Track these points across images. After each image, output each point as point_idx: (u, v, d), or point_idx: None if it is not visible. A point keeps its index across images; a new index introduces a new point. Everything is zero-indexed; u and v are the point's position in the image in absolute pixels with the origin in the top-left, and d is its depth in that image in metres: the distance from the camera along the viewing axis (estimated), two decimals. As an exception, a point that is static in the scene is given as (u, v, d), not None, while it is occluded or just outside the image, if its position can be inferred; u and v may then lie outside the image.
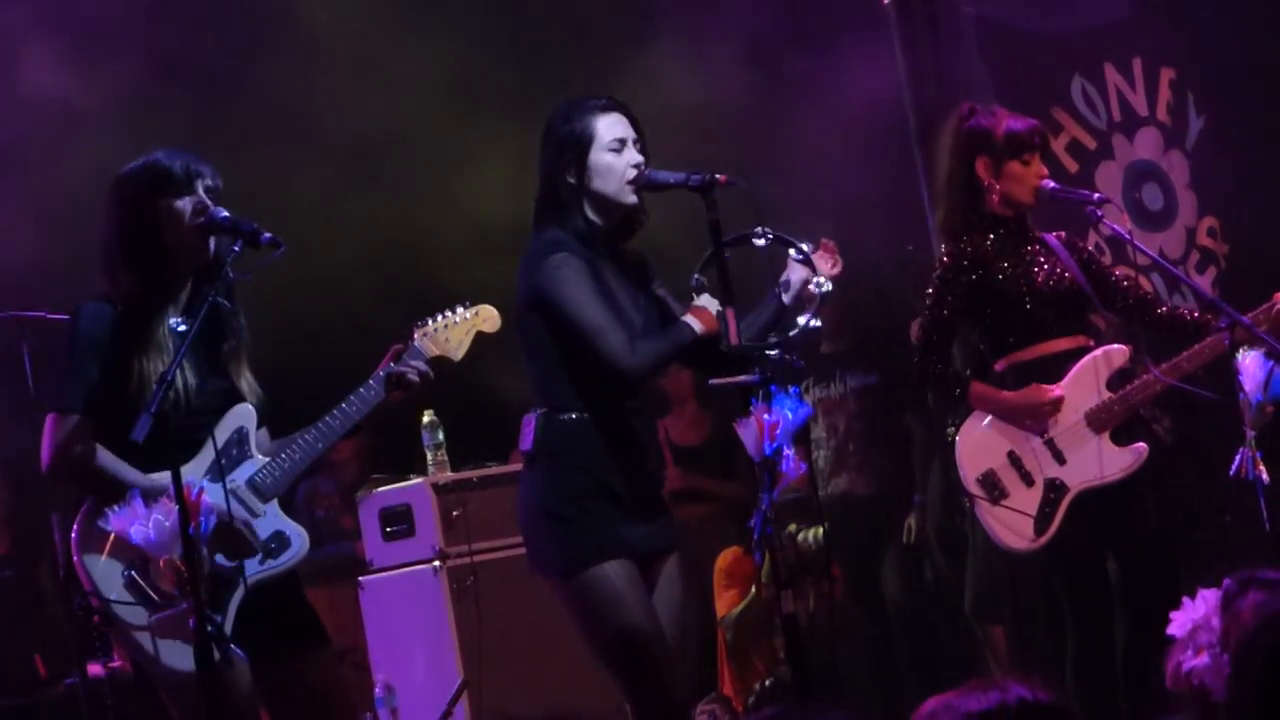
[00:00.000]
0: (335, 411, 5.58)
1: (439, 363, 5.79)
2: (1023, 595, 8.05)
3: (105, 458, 5.37)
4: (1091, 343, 6.93)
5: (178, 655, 5.25)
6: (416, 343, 5.75)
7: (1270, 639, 3.18)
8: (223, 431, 5.48)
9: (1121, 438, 6.86)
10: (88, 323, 5.45)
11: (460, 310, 5.88)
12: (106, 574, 5.34)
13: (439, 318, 5.84)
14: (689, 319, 5.73)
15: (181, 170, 5.46)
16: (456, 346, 5.85)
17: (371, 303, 8.39)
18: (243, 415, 5.53)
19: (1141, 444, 6.86)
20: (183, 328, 5.31)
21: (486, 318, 5.94)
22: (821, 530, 8.93)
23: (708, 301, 5.68)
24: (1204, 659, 3.47)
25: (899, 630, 9.45)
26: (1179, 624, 3.57)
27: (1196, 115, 8.97)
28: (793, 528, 9.06)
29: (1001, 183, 6.90)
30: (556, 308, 5.69)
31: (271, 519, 5.51)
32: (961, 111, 7.10)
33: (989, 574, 8.27)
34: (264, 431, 5.65)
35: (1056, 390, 6.79)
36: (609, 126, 5.80)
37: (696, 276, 5.70)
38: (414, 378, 5.66)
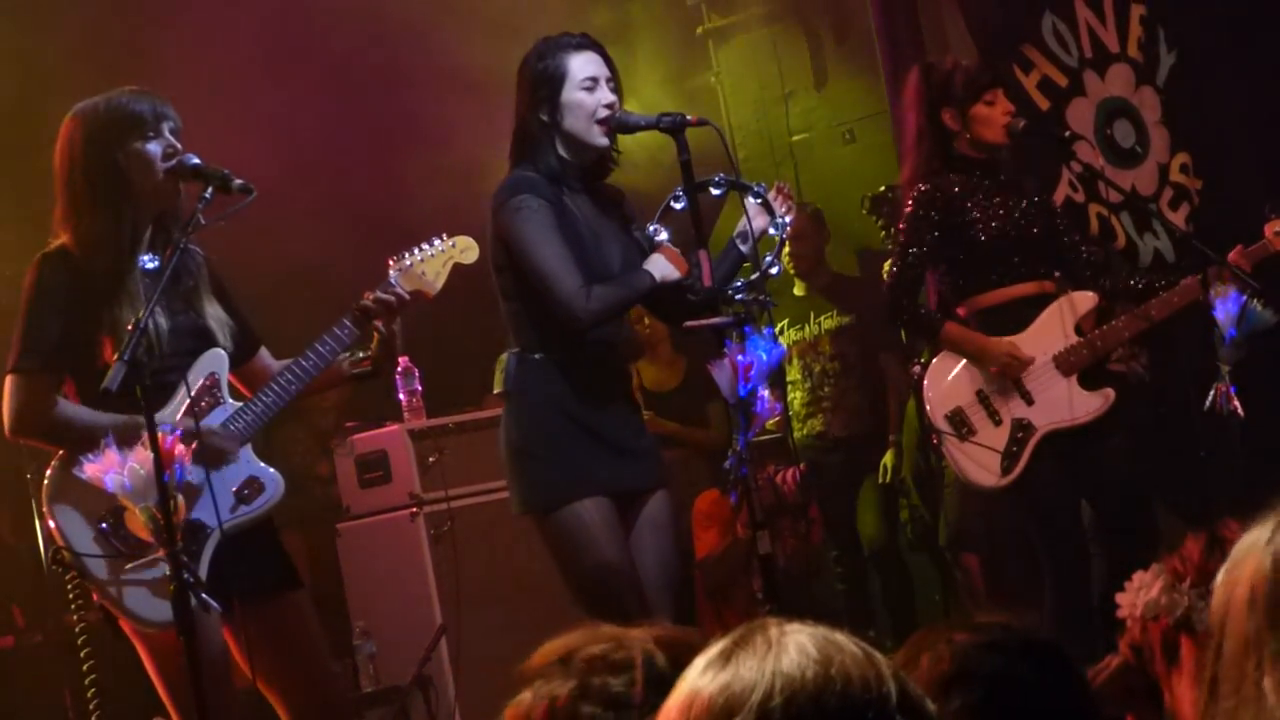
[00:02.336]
0: (308, 352, 5.51)
1: (416, 298, 5.72)
2: (997, 528, 8.08)
3: (68, 408, 5.32)
4: (1053, 288, 6.96)
5: (151, 605, 5.24)
6: (391, 277, 5.68)
7: None
8: (195, 377, 5.40)
9: (1090, 381, 6.89)
10: (47, 277, 5.36)
11: (437, 243, 5.78)
12: (78, 526, 5.31)
13: (415, 252, 5.73)
14: (650, 265, 5.73)
15: (150, 112, 5.37)
16: (434, 278, 5.73)
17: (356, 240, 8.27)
18: (215, 360, 5.47)
19: (1109, 389, 6.89)
20: (153, 264, 5.26)
21: (465, 248, 5.82)
22: (799, 470, 8.96)
23: (670, 248, 5.69)
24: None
25: (876, 569, 9.48)
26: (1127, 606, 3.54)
27: (1168, 51, 8.95)
28: (772, 468, 9.08)
29: (970, 128, 6.93)
30: (515, 249, 5.70)
31: (245, 464, 5.47)
32: (919, 69, 7.14)
33: (963, 507, 8.29)
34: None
35: (1029, 354, 6.81)
36: (582, 65, 5.79)
37: (654, 226, 5.71)
38: (387, 299, 5.56)
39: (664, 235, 5.73)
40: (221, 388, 5.47)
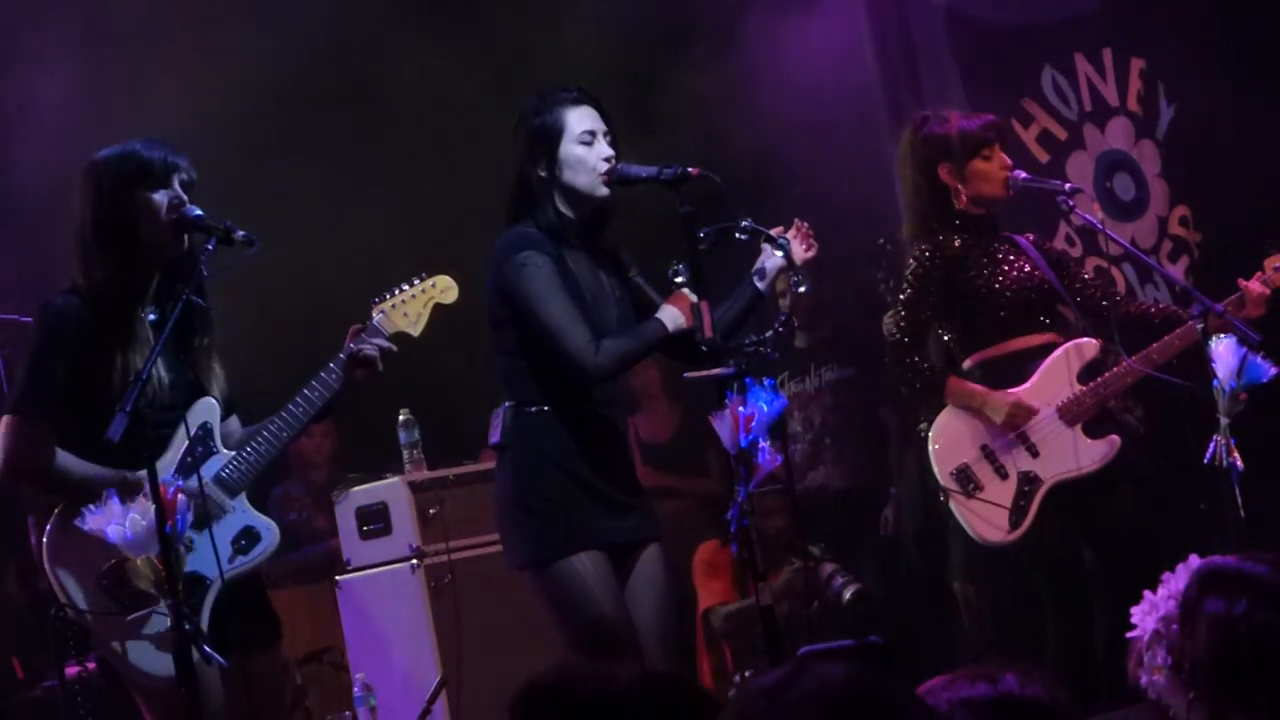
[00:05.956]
0: (298, 398, 5.54)
1: (400, 340, 5.74)
2: (998, 568, 8.08)
3: (66, 458, 5.32)
4: (1060, 339, 6.98)
5: (152, 659, 5.23)
6: (375, 320, 5.70)
7: (1226, 668, 3.21)
8: (190, 426, 5.41)
9: (1094, 430, 6.90)
10: (54, 319, 5.40)
11: (416, 283, 5.81)
12: (79, 582, 5.30)
13: (395, 292, 5.77)
14: (662, 315, 5.73)
15: (159, 162, 5.42)
16: (415, 320, 5.76)
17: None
18: (206, 410, 5.48)
19: (1114, 436, 6.92)
20: (154, 317, 5.28)
21: (444, 289, 5.86)
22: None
23: (684, 295, 5.67)
24: (1160, 679, 3.46)
25: (877, 622, 9.44)
26: (1140, 624, 3.55)
27: (1167, 104, 8.99)
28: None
29: (968, 183, 6.97)
30: (521, 305, 5.69)
31: (240, 514, 5.48)
32: (915, 123, 7.17)
33: (967, 545, 8.24)
34: (235, 419, 5.61)
35: (1034, 404, 6.83)
36: (579, 119, 5.80)
37: (677, 266, 5.68)
38: (372, 352, 5.61)
39: (682, 278, 5.71)
40: (214, 437, 5.50)
